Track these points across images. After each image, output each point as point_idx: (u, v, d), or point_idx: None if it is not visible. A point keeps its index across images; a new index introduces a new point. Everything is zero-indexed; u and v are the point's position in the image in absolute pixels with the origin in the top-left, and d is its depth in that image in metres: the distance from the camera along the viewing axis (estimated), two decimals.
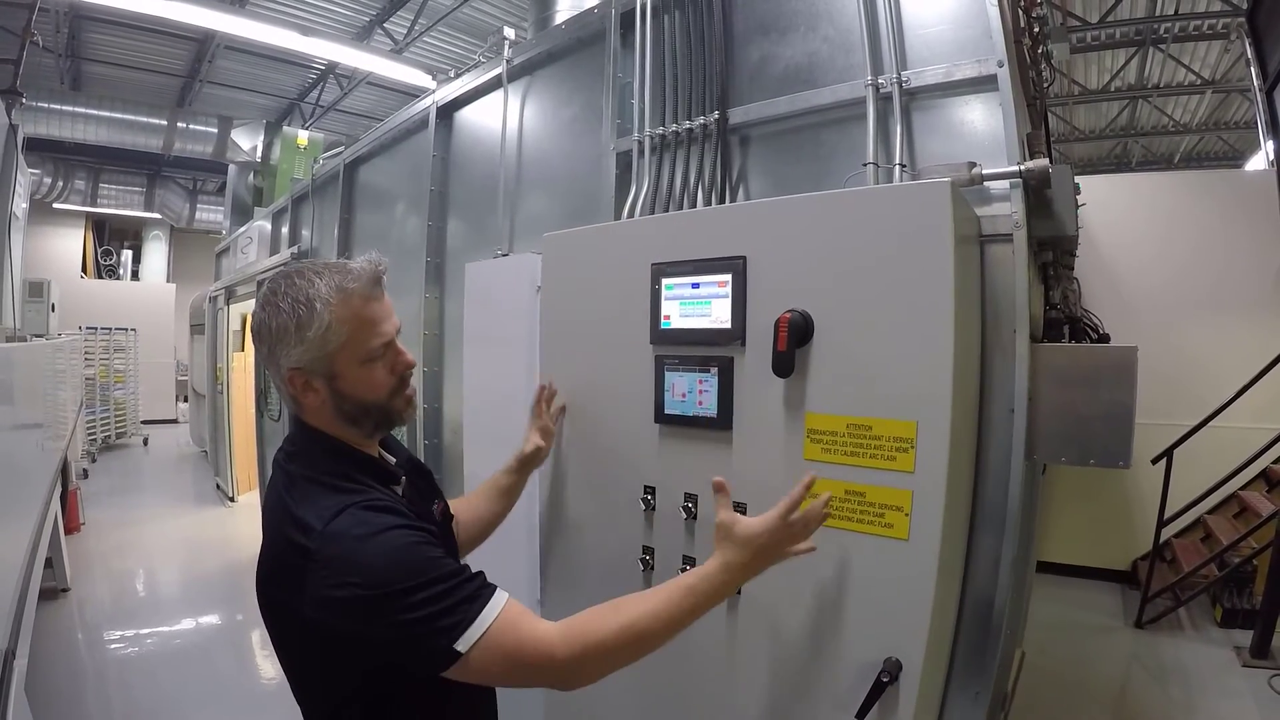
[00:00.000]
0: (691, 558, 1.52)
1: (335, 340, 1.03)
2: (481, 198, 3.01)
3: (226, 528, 6.44)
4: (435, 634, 0.91)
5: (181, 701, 3.43)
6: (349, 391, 1.07)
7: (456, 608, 0.93)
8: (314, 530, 0.95)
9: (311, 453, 1.08)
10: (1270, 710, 3.28)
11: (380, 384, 1.09)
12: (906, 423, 1.23)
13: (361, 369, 1.07)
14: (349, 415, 1.09)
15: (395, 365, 1.11)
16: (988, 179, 1.48)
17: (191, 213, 13.14)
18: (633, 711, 1.65)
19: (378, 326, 1.08)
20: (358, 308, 1.05)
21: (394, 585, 0.91)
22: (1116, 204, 5.16)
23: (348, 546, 0.94)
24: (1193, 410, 4.45)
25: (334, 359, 1.05)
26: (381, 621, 0.90)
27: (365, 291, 1.06)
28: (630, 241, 1.68)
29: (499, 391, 2.53)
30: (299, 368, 1.04)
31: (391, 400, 1.11)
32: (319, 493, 1.01)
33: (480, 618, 0.93)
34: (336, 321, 1.03)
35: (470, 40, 8.18)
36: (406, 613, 0.90)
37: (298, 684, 1.09)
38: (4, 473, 2.58)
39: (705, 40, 2.05)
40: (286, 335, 1.03)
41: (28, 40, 5.91)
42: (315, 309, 1.02)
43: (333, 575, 0.92)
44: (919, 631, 1.22)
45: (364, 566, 0.92)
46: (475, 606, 0.94)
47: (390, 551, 0.94)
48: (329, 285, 1.03)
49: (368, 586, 0.90)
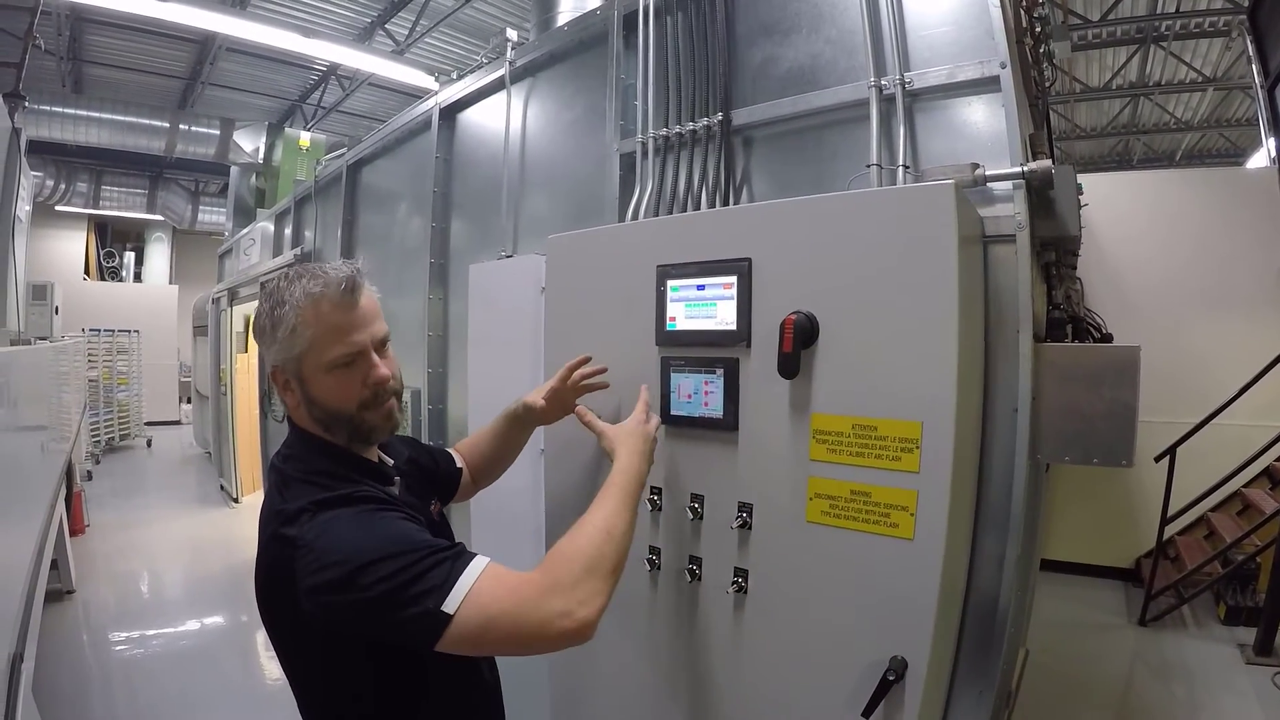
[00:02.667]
0: (698, 558, 1.53)
1: (300, 344, 1.04)
2: (485, 199, 3.02)
3: (230, 529, 6.45)
4: (421, 597, 0.90)
5: (186, 703, 3.44)
6: (318, 397, 1.07)
7: (435, 570, 0.91)
8: (301, 521, 0.97)
9: (305, 455, 1.09)
10: (1274, 707, 3.28)
11: (348, 395, 1.07)
12: (911, 423, 1.24)
13: (328, 376, 1.06)
14: (321, 421, 1.09)
15: (367, 377, 1.08)
16: (991, 180, 1.48)
17: (194, 214, 13.15)
18: (638, 710, 1.65)
19: (345, 335, 1.05)
20: (324, 313, 1.04)
21: (375, 555, 0.91)
22: (1119, 202, 5.16)
23: (333, 531, 0.95)
24: (1195, 408, 4.45)
25: (301, 362, 1.06)
26: (367, 595, 0.89)
27: (334, 298, 1.04)
28: (635, 243, 1.68)
29: (503, 392, 2.52)
30: (276, 366, 1.08)
31: (362, 413, 1.08)
32: (309, 490, 1.02)
33: (464, 575, 0.92)
34: (301, 325, 1.03)
35: (472, 41, 8.18)
36: (388, 581, 0.89)
37: (301, 690, 1.10)
38: (9, 475, 2.58)
39: (708, 41, 2.05)
40: (264, 334, 1.06)
41: (30, 43, 5.92)
42: (285, 311, 1.04)
43: (319, 558, 0.93)
44: (924, 630, 1.22)
45: (349, 545, 0.93)
46: (458, 565, 0.93)
47: (373, 529, 0.96)
48: (301, 289, 1.04)
49: (352, 562, 0.91)
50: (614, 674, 1.71)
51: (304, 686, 1.10)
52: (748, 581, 1.45)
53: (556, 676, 1.86)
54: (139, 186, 12.60)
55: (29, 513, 3.09)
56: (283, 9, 7.66)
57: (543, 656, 1.88)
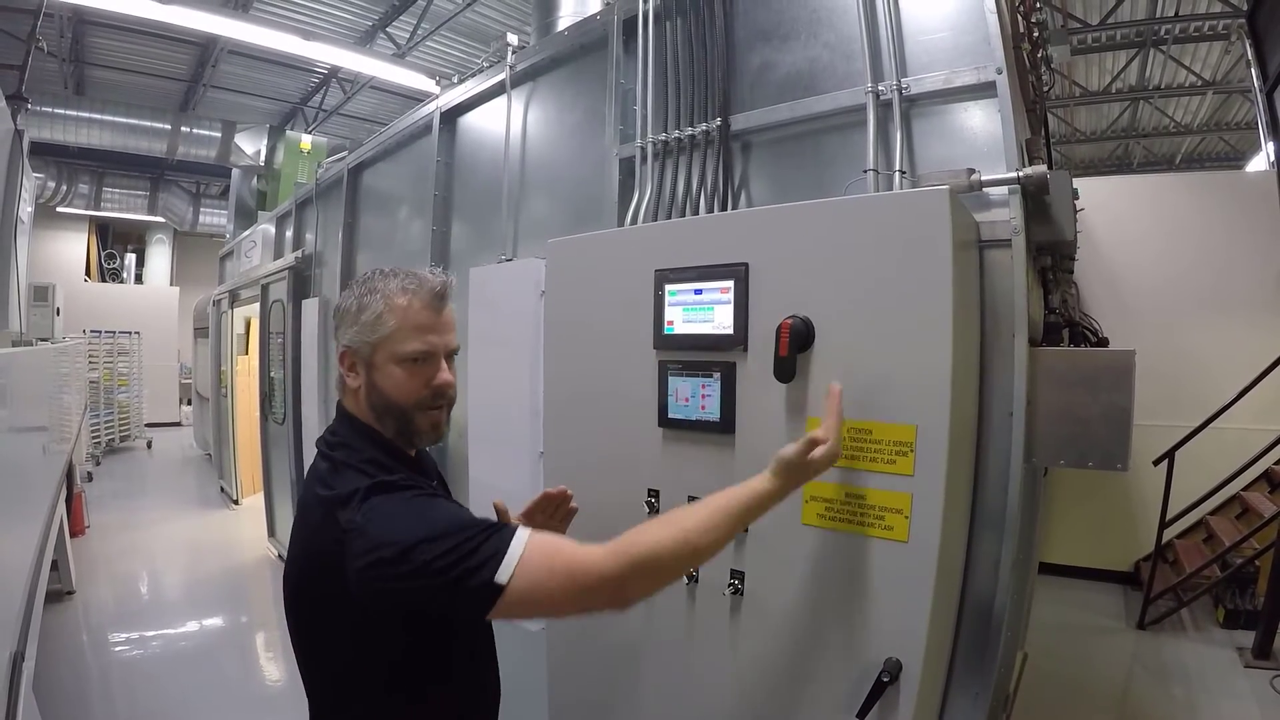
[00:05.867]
0: None
1: (381, 331, 1.12)
2: (485, 202, 3.03)
3: (230, 530, 6.46)
4: (472, 572, 0.94)
5: (186, 703, 3.44)
6: (380, 384, 1.13)
7: (485, 544, 0.96)
8: (352, 505, 1.01)
9: (355, 442, 1.14)
10: (1273, 711, 3.28)
11: (409, 389, 1.13)
12: (906, 426, 1.25)
13: (397, 367, 1.12)
14: (376, 408, 1.15)
15: (432, 378, 1.15)
16: (986, 185, 1.49)
17: (195, 216, 13.17)
18: (636, 711, 1.66)
19: (423, 334, 1.13)
20: (411, 309, 1.12)
21: (427, 535, 0.96)
22: (1118, 205, 5.16)
23: (385, 512, 1.00)
24: (1194, 411, 4.46)
25: (376, 348, 1.13)
26: (421, 572, 0.94)
27: (424, 299, 1.14)
28: (634, 248, 1.70)
29: (503, 395, 2.55)
30: (349, 347, 1.15)
31: (416, 411, 1.14)
32: (357, 477, 1.07)
33: (511, 548, 0.96)
34: (387, 313, 1.12)
35: (473, 45, 8.20)
36: (442, 559, 0.94)
37: (318, 671, 1.12)
38: (10, 476, 2.59)
39: (707, 47, 2.07)
40: (348, 315, 1.15)
41: (32, 46, 5.94)
42: (375, 298, 1.12)
43: (371, 540, 0.97)
44: (918, 632, 1.23)
45: (400, 526, 0.98)
46: (505, 538, 0.97)
47: (422, 511, 1.01)
48: (396, 283, 1.13)
49: (405, 542, 0.95)
50: (611, 674, 1.72)
51: (322, 669, 1.12)
52: (744, 583, 1.46)
53: (555, 676, 1.87)
54: (140, 188, 12.62)
55: (30, 513, 3.09)
56: (284, 12, 7.68)
57: (540, 657, 1.90)
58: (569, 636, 1.84)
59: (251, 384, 6.95)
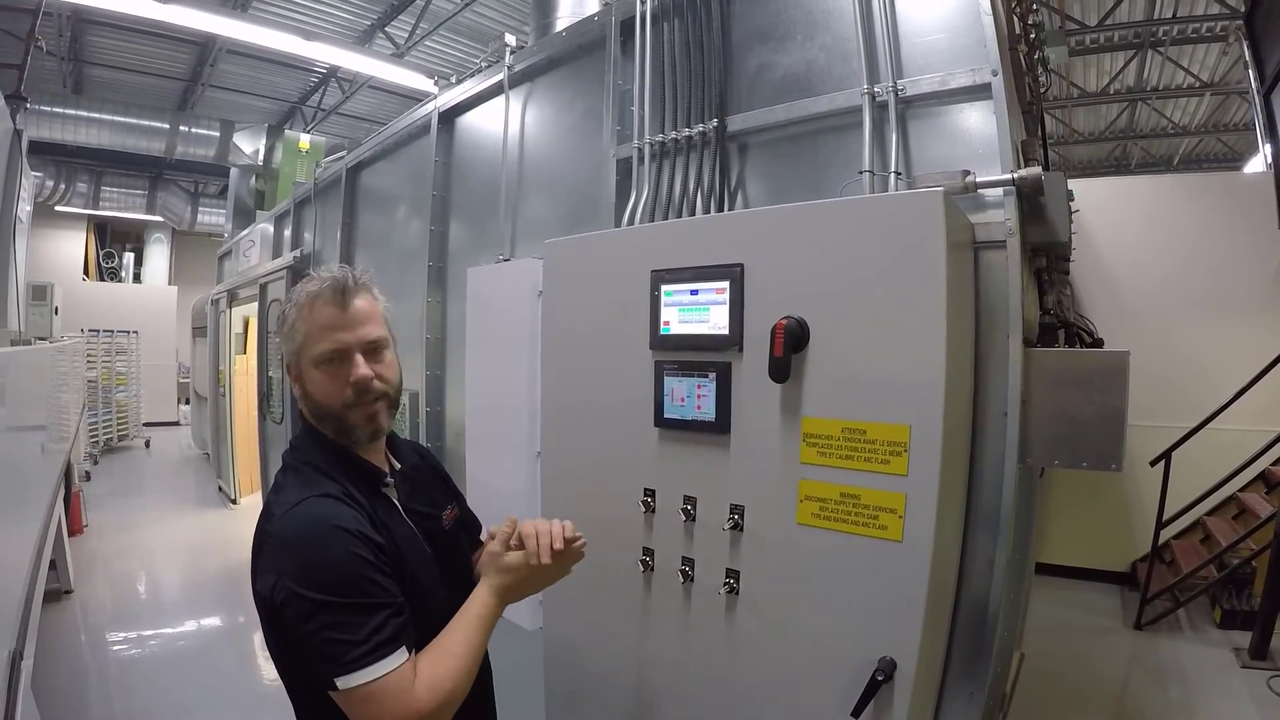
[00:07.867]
0: (690, 558, 1.55)
1: (296, 338, 1.14)
2: (483, 202, 3.04)
3: (228, 530, 6.45)
4: (327, 660, 0.94)
5: (184, 702, 3.45)
6: (310, 390, 1.16)
7: (356, 646, 0.94)
8: (275, 515, 1.04)
9: (304, 445, 1.17)
10: (1269, 711, 3.29)
11: (332, 390, 1.13)
12: (900, 426, 1.25)
13: (316, 371, 1.14)
14: (314, 413, 1.17)
15: (349, 376, 1.13)
16: (981, 187, 1.50)
17: (193, 216, 13.15)
18: (632, 710, 1.67)
19: (330, 333, 1.13)
20: (315, 310, 1.13)
21: (316, 594, 0.95)
22: (1115, 206, 5.17)
23: (295, 535, 1.00)
24: (1191, 412, 4.47)
25: (299, 356, 1.15)
26: (292, 620, 0.96)
27: (326, 297, 1.13)
28: (631, 248, 1.70)
29: (500, 395, 2.55)
30: (285, 360, 1.19)
31: (346, 411, 1.14)
32: (294, 482, 1.09)
33: (372, 669, 0.94)
34: (298, 320, 1.14)
35: (471, 44, 8.19)
36: (311, 623, 0.95)
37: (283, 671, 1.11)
38: (8, 476, 2.59)
39: (704, 48, 2.07)
40: (281, 329, 1.18)
41: (32, 44, 5.93)
42: (289, 308, 1.16)
43: (274, 559, 0.99)
44: (913, 631, 1.24)
45: (300, 562, 0.98)
46: (375, 655, 0.95)
47: (330, 557, 0.98)
48: (303, 289, 1.15)
49: (295, 583, 0.96)
50: (608, 674, 1.73)
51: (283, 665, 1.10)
52: (739, 582, 1.46)
53: (551, 675, 1.87)
54: (139, 187, 12.60)
55: (28, 513, 3.10)
56: (283, 11, 7.68)
57: (537, 655, 1.90)
58: (567, 635, 1.84)
59: (250, 383, 6.94)
